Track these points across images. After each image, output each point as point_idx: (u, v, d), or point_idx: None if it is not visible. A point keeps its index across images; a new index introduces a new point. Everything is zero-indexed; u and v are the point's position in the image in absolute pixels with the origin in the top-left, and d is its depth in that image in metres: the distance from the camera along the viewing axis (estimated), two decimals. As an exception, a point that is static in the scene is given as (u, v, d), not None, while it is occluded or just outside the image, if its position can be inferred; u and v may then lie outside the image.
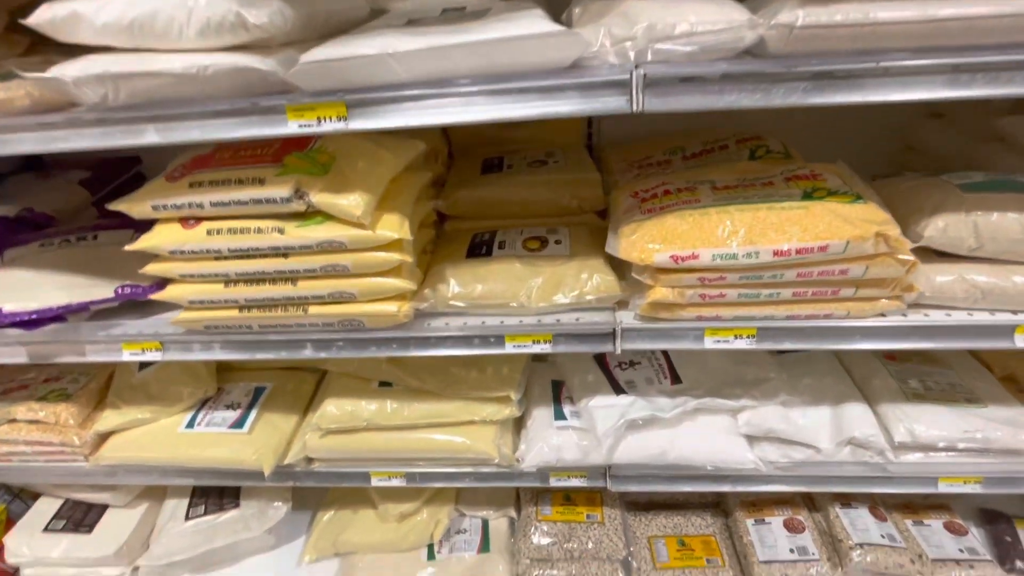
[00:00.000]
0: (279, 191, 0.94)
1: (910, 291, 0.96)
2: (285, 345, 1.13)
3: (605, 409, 1.25)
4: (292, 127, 0.83)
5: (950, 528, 1.42)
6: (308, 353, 1.13)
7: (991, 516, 1.49)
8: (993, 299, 0.97)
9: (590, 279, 1.07)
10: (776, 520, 1.44)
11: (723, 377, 1.31)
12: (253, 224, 0.98)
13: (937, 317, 0.99)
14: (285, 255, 1.01)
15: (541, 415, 1.34)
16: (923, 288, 0.98)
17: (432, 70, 0.77)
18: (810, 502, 1.48)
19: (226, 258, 1.02)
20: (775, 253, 0.90)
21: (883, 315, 1.00)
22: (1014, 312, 0.97)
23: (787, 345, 1.02)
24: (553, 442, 1.27)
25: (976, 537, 1.40)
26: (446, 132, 1.58)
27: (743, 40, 0.74)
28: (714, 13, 0.75)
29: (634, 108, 0.78)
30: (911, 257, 0.90)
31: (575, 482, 1.33)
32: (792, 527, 1.44)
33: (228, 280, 1.05)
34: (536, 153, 1.49)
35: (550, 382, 1.42)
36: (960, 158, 1.40)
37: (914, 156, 1.58)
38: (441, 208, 1.34)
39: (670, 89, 0.77)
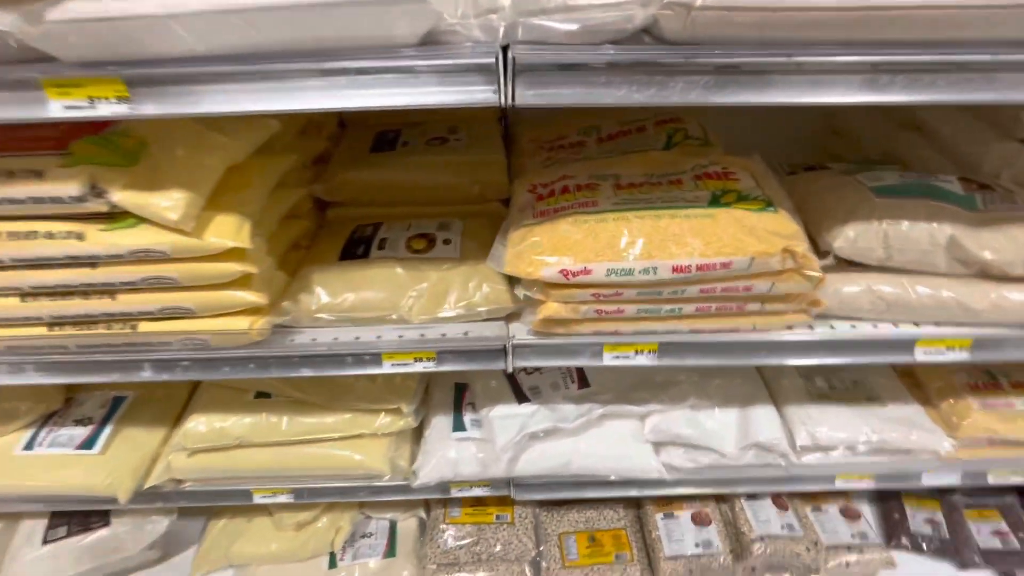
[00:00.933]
0: (65, 188, 0.73)
1: (816, 305, 0.89)
2: (118, 366, 0.94)
3: (505, 420, 1.16)
4: (55, 109, 0.62)
5: (845, 513, 1.46)
6: (147, 375, 0.95)
7: (883, 494, 1.55)
8: (898, 311, 0.92)
9: (479, 288, 0.94)
10: (684, 514, 1.43)
11: (632, 379, 1.24)
12: (41, 227, 0.77)
13: (842, 330, 0.93)
14: (93, 265, 0.81)
15: (440, 424, 1.23)
16: (830, 300, 0.91)
17: (234, 41, 0.58)
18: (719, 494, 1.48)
19: (11, 268, 0.80)
20: (674, 269, 0.79)
21: (790, 327, 0.93)
22: (916, 324, 0.93)
23: (691, 361, 0.94)
24: (451, 455, 1.17)
25: (868, 521, 1.44)
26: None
27: (633, 20, 0.59)
28: (599, -17, 0.60)
29: (503, 101, 0.62)
30: (818, 273, 0.83)
31: (478, 491, 1.24)
32: (699, 520, 1.43)
33: (23, 294, 0.84)
34: (438, 128, 1.31)
35: (453, 385, 1.31)
36: (882, 146, 1.34)
37: (840, 141, 1.52)
38: (319, 194, 1.15)
39: (547, 78, 0.62)
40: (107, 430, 1.23)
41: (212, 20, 0.56)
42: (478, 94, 0.62)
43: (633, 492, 1.24)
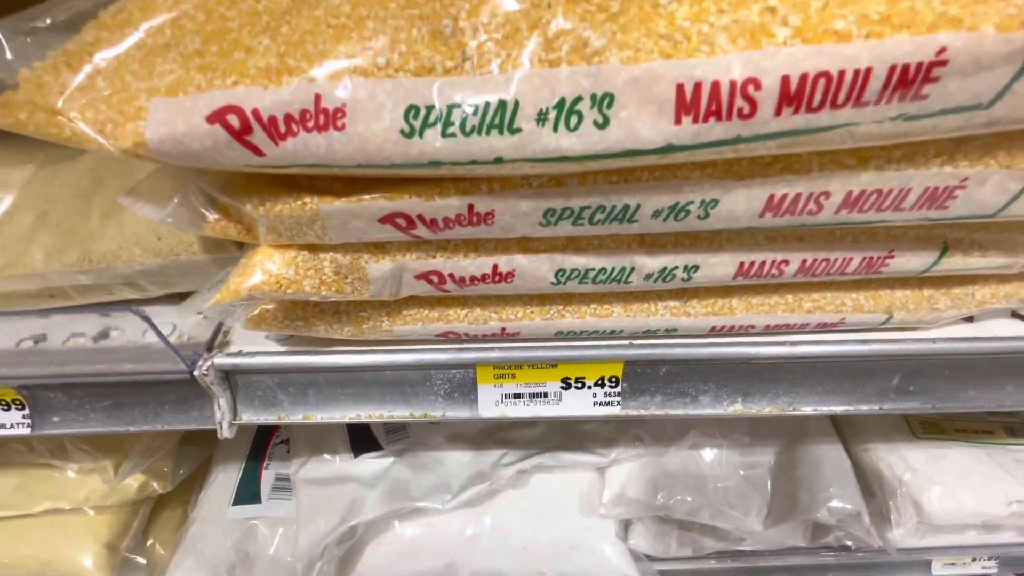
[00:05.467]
0: None
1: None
2: None
3: (324, 488, 0.58)
4: None
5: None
6: None
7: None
8: None
9: (112, 216, 0.33)
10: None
11: (585, 398, 0.67)
12: None
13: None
14: None
15: (221, 488, 0.65)
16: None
17: None
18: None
19: None
20: (688, 94, 0.19)
21: (970, 319, 0.36)
22: None
23: (706, 407, 0.36)
24: (214, 553, 0.59)
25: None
26: None
27: None
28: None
29: None
30: None
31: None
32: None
33: None
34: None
35: (260, 405, 0.73)
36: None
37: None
38: None
39: None
40: None
41: None
42: None
43: (582, 593, 0.68)
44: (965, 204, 0.24)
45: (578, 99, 0.19)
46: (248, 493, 0.63)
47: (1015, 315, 0.37)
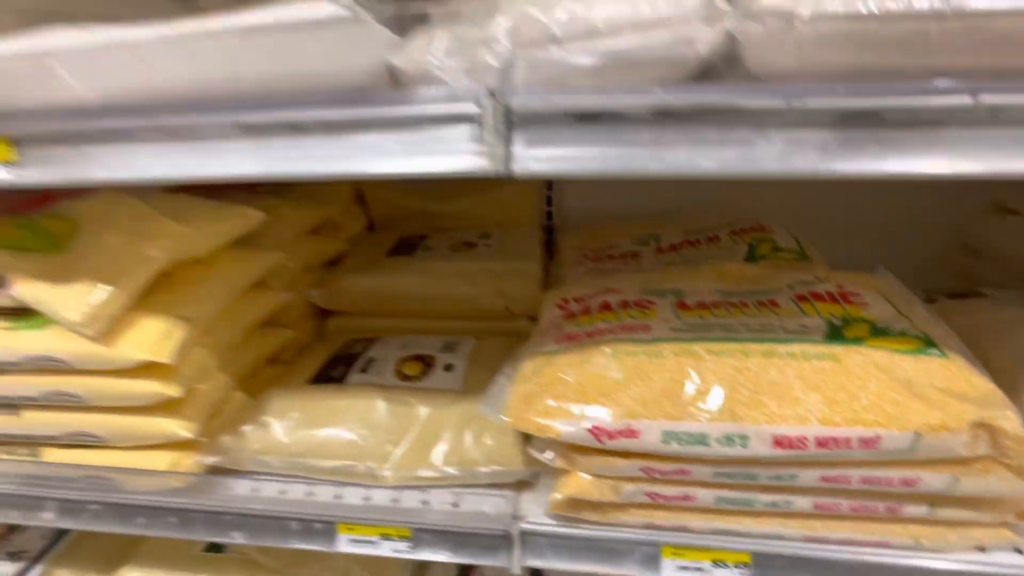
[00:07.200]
0: (-39, 276, 0.59)
1: (1039, 519, 0.52)
2: (16, 502, 0.73)
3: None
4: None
5: None
6: (50, 517, 0.73)
7: None
8: None
9: (479, 438, 0.66)
10: None
11: None
12: (-63, 322, 0.63)
13: (1089, 563, 0.54)
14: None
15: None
16: (1060, 508, 0.54)
17: (126, 83, 0.43)
18: None
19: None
20: (778, 442, 0.48)
21: (982, 549, 0.56)
22: None
23: (808, 591, 0.57)
24: None
25: None
26: (363, 198, 1.26)
27: (693, 46, 0.37)
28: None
29: (494, 166, 0.41)
30: (1048, 469, 0.48)
31: None
32: None
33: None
34: (469, 232, 1.14)
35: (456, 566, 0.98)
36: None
37: (979, 263, 1.18)
38: (317, 300, 0.98)
39: (561, 134, 0.40)
40: (37, 570, 1.00)
41: (95, 58, 0.41)
42: (456, 157, 0.41)
43: None
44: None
45: (732, 434, 0.49)
46: (456, 629, 0.85)
47: (1016, 550, 0.57)
